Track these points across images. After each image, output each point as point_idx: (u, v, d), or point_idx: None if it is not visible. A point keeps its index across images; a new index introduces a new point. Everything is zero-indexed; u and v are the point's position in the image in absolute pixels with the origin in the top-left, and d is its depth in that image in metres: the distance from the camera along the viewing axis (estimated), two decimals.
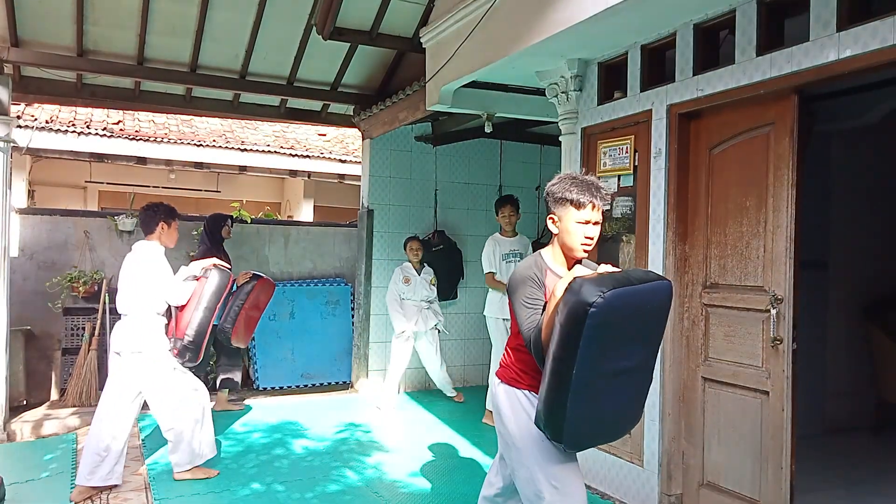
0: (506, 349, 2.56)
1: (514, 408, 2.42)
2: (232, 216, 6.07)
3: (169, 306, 4.04)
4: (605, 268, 2.28)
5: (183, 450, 4.00)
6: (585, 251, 2.37)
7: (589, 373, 2.07)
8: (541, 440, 2.33)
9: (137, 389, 3.90)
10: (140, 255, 3.96)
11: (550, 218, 2.39)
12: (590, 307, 1.97)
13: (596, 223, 2.34)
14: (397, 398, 6.13)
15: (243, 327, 4.95)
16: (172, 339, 3.98)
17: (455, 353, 6.91)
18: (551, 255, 2.42)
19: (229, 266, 4.29)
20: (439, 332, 6.11)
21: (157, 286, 3.91)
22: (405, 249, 6.05)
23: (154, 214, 4.04)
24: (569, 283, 2.12)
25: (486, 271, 5.47)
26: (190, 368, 4.09)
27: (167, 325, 4.04)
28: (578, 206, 2.30)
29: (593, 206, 2.30)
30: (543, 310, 2.29)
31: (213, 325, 4.18)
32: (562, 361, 2.07)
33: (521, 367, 2.44)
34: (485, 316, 5.56)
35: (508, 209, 5.45)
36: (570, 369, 2.04)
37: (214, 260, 4.25)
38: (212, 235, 5.69)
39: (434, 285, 6.06)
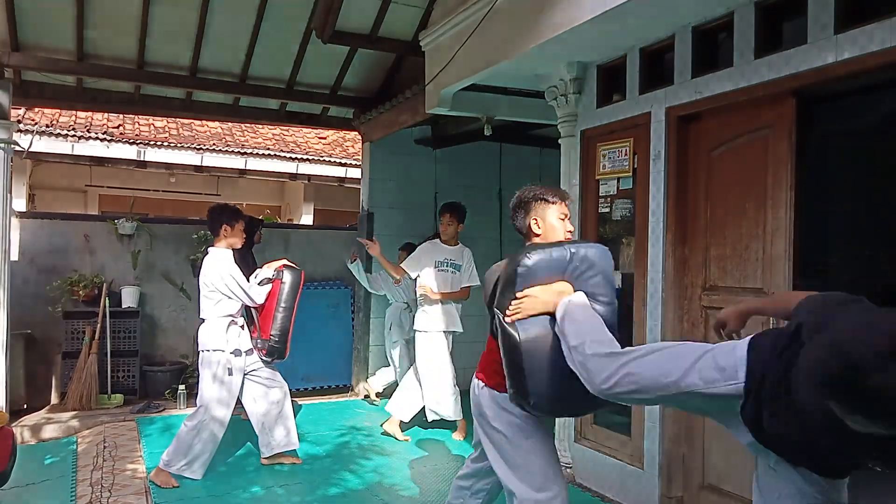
0: (487, 351, 2.57)
1: (499, 412, 2.45)
2: (263, 220, 5.84)
3: (248, 309, 4.20)
4: None
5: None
6: None
7: (534, 330, 2.22)
8: (526, 443, 2.40)
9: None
10: (211, 261, 4.10)
11: (534, 220, 2.53)
12: (518, 266, 2.25)
13: (570, 219, 2.60)
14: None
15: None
16: (259, 341, 4.19)
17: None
18: None
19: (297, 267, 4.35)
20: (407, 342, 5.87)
21: (233, 290, 4.06)
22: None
23: (217, 217, 4.18)
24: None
25: (412, 276, 5.09)
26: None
27: (251, 328, 4.25)
28: (557, 202, 2.54)
29: (566, 204, 2.57)
30: None
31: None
32: (510, 325, 2.24)
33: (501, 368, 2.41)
34: (415, 331, 5.16)
35: (447, 217, 5.07)
36: (516, 329, 2.22)
37: (284, 261, 4.35)
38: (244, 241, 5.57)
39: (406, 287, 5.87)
